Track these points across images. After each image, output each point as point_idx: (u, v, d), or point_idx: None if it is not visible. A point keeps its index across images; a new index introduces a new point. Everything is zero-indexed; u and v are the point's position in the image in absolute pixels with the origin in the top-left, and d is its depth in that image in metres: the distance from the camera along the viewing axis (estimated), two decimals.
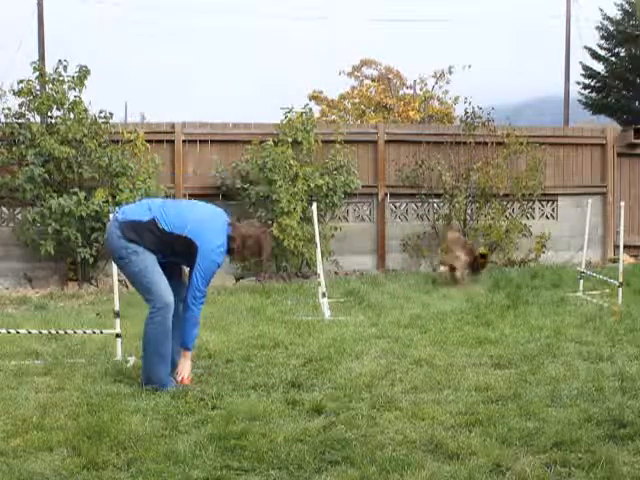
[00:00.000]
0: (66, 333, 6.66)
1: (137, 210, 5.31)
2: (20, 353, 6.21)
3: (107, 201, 10.40)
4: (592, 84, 31.23)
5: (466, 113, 12.60)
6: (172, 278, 5.33)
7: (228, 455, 3.90)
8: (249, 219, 11.33)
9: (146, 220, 5.17)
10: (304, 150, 11.52)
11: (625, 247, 9.67)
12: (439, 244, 12.21)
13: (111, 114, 11.08)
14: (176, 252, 5.25)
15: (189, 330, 5.23)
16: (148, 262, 5.16)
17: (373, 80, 30.80)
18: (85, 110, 10.82)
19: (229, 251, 5.34)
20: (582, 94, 31.50)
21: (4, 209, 11.19)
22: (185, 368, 5.29)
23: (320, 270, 8.55)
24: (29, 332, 6.59)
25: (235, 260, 5.64)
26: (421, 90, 28.74)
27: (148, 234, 5.14)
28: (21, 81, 10.77)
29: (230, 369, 5.65)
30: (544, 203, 13.17)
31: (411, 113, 26.88)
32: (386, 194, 12.52)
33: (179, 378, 5.26)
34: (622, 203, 9.03)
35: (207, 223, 5.29)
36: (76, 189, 10.37)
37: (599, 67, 31.23)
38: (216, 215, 5.45)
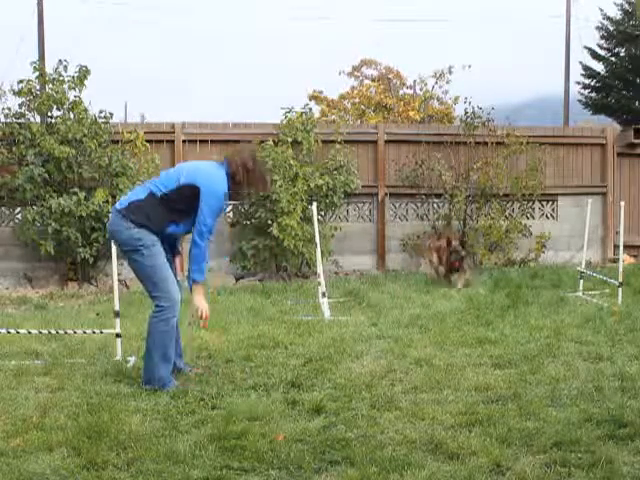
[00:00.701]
0: (66, 333, 6.66)
1: (133, 193, 5.33)
2: (20, 353, 6.21)
3: (107, 201, 10.40)
4: (592, 84, 31.23)
5: (466, 113, 12.60)
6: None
7: (228, 455, 3.90)
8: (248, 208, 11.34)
9: (144, 196, 5.15)
10: (304, 150, 11.52)
11: (625, 247, 9.67)
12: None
13: (111, 114, 11.10)
14: (184, 211, 5.16)
15: (197, 263, 5.12)
16: (159, 258, 5.13)
17: (373, 80, 30.81)
18: (85, 110, 10.82)
19: (234, 183, 5.27)
20: (582, 94, 31.51)
21: (4, 209, 11.20)
22: (202, 303, 5.19)
23: (320, 270, 8.55)
24: (29, 332, 6.59)
25: (239, 190, 5.43)
26: (421, 90, 28.75)
27: (151, 209, 5.09)
28: (21, 81, 10.77)
29: (230, 369, 5.65)
30: (544, 203, 13.17)
31: (411, 113, 26.89)
32: (386, 194, 12.52)
33: (200, 314, 5.16)
34: (622, 203, 9.03)
35: (201, 166, 5.32)
36: (76, 189, 10.37)
37: (599, 67, 31.24)
38: (207, 161, 5.50)
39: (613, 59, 30.94)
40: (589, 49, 31.14)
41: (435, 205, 12.58)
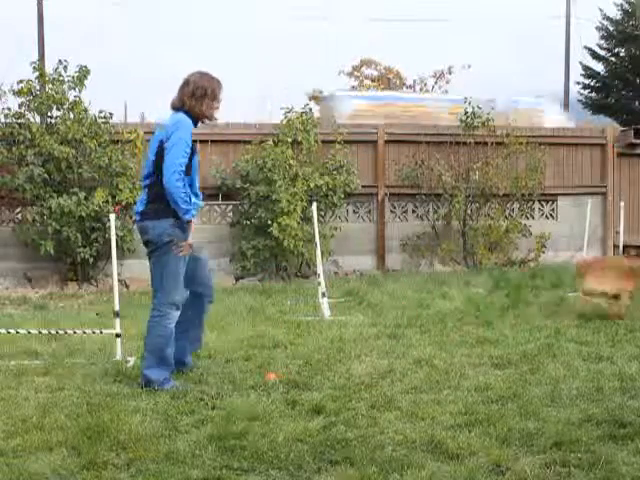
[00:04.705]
0: (66, 333, 6.65)
1: (141, 195, 5.33)
2: (20, 353, 6.21)
3: (107, 201, 10.41)
4: (592, 84, 31.24)
5: (466, 113, 12.60)
6: (196, 270, 5.37)
7: (228, 455, 3.90)
8: (250, 218, 11.34)
9: (147, 191, 5.16)
10: (304, 150, 11.53)
11: (625, 247, 9.68)
12: (439, 244, 12.23)
13: (111, 114, 11.11)
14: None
15: (179, 203, 5.04)
16: (179, 260, 5.14)
17: (373, 80, 30.82)
18: (85, 110, 10.83)
19: (191, 114, 5.20)
20: (582, 94, 31.51)
21: (4, 209, 11.20)
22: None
23: (320, 270, 8.54)
24: (29, 332, 6.58)
25: (201, 113, 5.29)
26: (421, 90, 28.76)
27: (159, 195, 5.07)
28: (21, 81, 10.78)
29: (230, 369, 5.65)
30: (544, 203, 13.18)
31: None
32: (386, 194, 12.53)
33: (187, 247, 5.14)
34: (622, 203, 9.05)
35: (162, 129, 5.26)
36: (76, 189, 10.38)
37: (599, 67, 31.26)
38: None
39: (613, 59, 30.95)
40: (589, 49, 31.15)
41: (435, 205, 12.59)
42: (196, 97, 5.20)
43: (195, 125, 5.30)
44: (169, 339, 5.19)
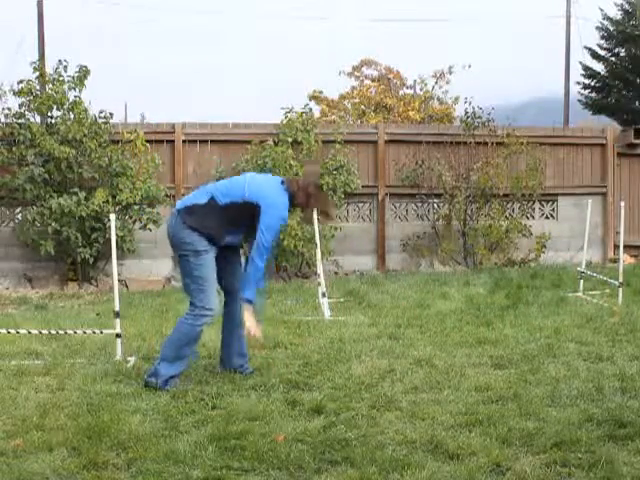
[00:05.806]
0: (66, 333, 6.65)
1: (195, 195, 5.30)
2: (20, 353, 6.21)
3: (107, 201, 10.41)
4: (592, 84, 31.24)
5: (466, 113, 12.61)
6: (232, 265, 5.45)
7: (228, 455, 3.90)
8: None
9: (205, 202, 5.14)
10: (304, 150, 11.52)
11: (625, 247, 9.66)
12: (439, 244, 12.23)
13: (111, 114, 11.11)
14: (242, 223, 5.19)
15: (252, 283, 5.18)
16: (205, 269, 5.13)
17: (373, 80, 30.81)
18: (85, 110, 10.83)
19: (294, 205, 5.28)
20: (582, 94, 31.51)
21: (4, 209, 11.20)
22: (251, 322, 5.15)
23: (320, 270, 8.54)
24: (29, 332, 6.58)
25: (303, 211, 5.51)
26: (421, 90, 28.76)
27: (210, 216, 5.09)
28: (21, 81, 10.78)
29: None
30: (544, 203, 13.18)
31: (411, 113, 26.90)
32: (386, 194, 12.53)
33: (249, 332, 5.14)
34: (622, 203, 9.03)
35: (264, 183, 5.28)
36: (76, 189, 10.38)
37: (599, 67, 31.25)
38: (270, 177, 5.56)
39: (613, 59, 30.94)
40: (589, 49, 31.15)
41: (435, 205, 12.59)
42: (307, 194, 5.25)
43: (290, 207, 5.31)
44: (193, 339, 5.21)
